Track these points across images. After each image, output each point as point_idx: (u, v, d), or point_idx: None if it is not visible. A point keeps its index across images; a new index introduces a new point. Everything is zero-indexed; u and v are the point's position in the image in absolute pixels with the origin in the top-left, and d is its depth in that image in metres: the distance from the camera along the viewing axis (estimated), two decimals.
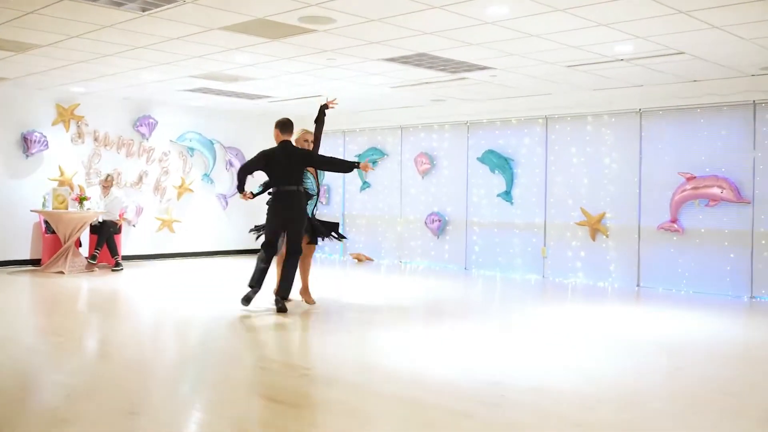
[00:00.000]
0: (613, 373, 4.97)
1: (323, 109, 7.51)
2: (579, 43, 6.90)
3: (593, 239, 9.80)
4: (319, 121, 7.51)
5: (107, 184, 10.83)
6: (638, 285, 9.40)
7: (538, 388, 4.55)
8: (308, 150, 7.27)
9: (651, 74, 8.37)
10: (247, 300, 7.04)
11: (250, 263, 7.44)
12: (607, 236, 9.68)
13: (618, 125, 9.63)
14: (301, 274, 7.50)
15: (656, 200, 9.22)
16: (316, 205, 7.49)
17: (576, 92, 9.79)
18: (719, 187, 8.61)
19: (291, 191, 7.04)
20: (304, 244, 7.37)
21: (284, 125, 7.20)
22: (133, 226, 11.79)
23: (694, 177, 8.82)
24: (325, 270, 10.93)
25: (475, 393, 4.41)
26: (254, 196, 7.37)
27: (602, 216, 9.69)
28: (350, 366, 5.14)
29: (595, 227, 9.74)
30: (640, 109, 9.38)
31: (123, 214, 11.15)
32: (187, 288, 8.98)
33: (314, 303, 7.47)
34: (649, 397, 4.38)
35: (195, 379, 4.82)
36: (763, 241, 8.43)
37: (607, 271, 9.69)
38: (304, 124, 8.76)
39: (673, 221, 9.03)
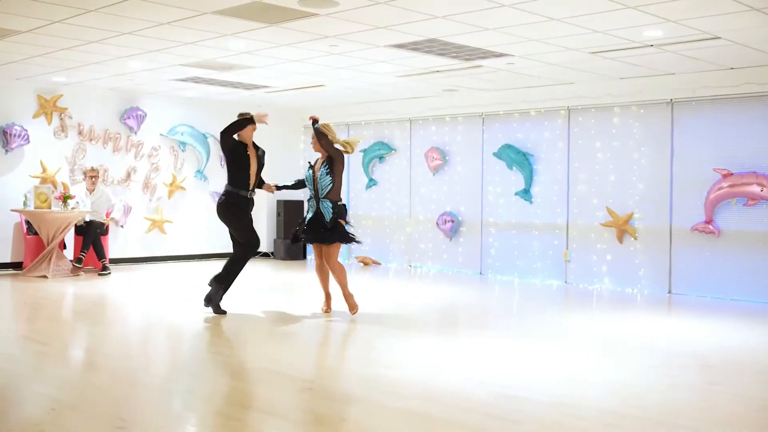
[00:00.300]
0: (640, 388, 4.97)
1: (313, 125, 7.32)
2: (604, 27, 6.90)
3: (620, 242, 9.80)
4: (319, 135, 7.22)
5: (93, 173, 10.81)
6: (669, 292, 9.39)
7: (558, 402, 4.56)
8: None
9: (683, 61, 8.36)
10: (207, 300, 7.32)
11: (246, 267, 7.48)
12: (635, 238, 9.67)
13: (647, 117, 9.62)
14: (321, 283, 7.58)
15: (689, 199, 9.20)
16: (318, 208, 7.27)
17: (601, 81, 9.79)
18: (759, 184, 8.59)
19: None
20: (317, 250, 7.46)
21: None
22: (121, 226, 11.86)
23: (731, 174, 8.81)
24: None
25: (489, 408, 4.42)
26: (278, 189, 7.75)
27: (630, 216, 9.69)
28: (355, 378, 5.17)
29: (623, 228, 9.74)
30: (671, 100, 9.37)
31: (110, 213, 11.20)
32: (178, 293, 9.02)
33: (329, 311, 7.52)
34: (679, 415, 4.38)
35: (187, 391, 4.86)
36: None
37: (636, 277, 9.69)
38: (302, 115, 8.80)
39: (708, 222, 9.02)
